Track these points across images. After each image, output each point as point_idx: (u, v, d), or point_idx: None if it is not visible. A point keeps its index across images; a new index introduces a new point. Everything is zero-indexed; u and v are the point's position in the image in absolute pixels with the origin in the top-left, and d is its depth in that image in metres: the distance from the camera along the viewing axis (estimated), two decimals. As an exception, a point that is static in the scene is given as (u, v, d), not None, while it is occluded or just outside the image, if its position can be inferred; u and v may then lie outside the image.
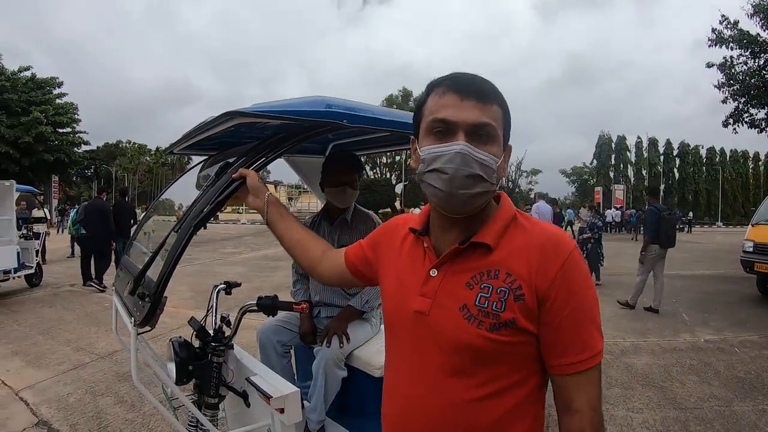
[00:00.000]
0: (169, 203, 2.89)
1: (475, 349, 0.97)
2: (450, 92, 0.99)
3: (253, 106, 1.49)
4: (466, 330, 0.98)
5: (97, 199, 9.78)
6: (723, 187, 63.52)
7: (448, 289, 1.03)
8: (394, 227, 1.28)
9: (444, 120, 0.98)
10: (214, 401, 1.88)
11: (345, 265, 1.38)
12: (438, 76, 1.06)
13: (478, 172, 0.96)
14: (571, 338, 0.98)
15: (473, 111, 0.97)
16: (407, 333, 1.08)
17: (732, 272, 11.44)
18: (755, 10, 14.37)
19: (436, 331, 1.02)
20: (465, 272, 1.02)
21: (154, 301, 1.54)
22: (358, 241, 1.40)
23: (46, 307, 7.68)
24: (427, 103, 1.04)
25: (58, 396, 4.15)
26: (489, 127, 0.98)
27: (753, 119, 15.85)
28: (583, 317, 0.98)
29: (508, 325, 0.96)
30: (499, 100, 1.02)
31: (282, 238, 1.50)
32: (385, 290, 1.21)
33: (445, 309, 1.01)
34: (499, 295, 0.97)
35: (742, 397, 4.25)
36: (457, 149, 0.95)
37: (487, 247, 1.02)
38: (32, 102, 35.91)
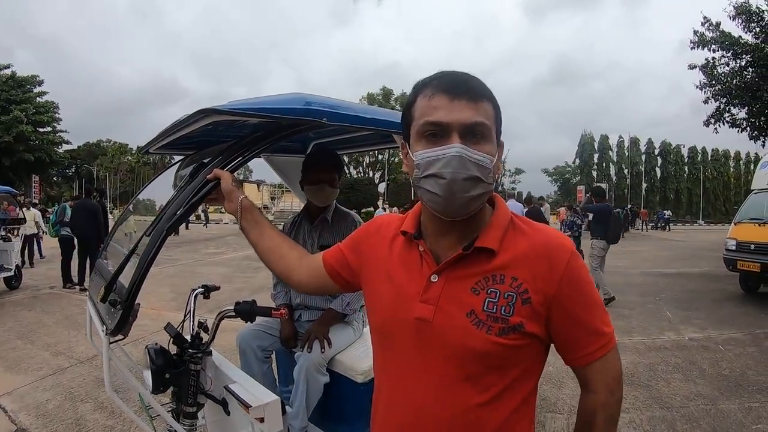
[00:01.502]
0: (146, 204, 2.81)
1: (485, 354, 0.97)
2: (439, 93, 0.96)
3: (229, 104, 1.43)
4: (475, 335, 0.97)
5: (86, 199, 9.60)
6: (704, 186, 64.53)
7: (452, 294, 1.01)
8: (376, 229, 1.24)
9: (436, 122, 0.95)
10: (192, 410, 1.82)
11: (324, 270, 1.31)
12: (424, 77, 1.03)
13: (476, 174, 0.94)
14: (585, 331, 1.02)
15: (465, 111, 0.94)
16: (409, 341, 1.04)
17: (715, 270, 11.57)
18: (737, 12, 14.55)
19: (442, 338, 1.00)
20: (469, 277, 1.01)
21: (125, 308, 1.47)
22: (337, 245, 1.34)
23: (25, 311, 7.53)
24: (416, 105, 1.01)
25: (37, 402, 4.06)
26: (483, 126, 0.96)
27: (734, 119, 16.02)
28: (592, 309, 1.02)
29: (516, 329, 0.97)
30: (490, 97, 1.00)
31: (256, 244, 1.43)
32: (374, 298, 1.16)
33: (451, 315, 1.00)
34: (507, 300, 0.97)
35: (727, 395, 4.26)
36: (453, 152, 0.93)
37: (490, 252, 1.01)
38: (12, 101, 35.52)
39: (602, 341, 1.03)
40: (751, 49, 14.32)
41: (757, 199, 9.44)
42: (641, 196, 60.28)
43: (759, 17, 14.20)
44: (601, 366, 1.04)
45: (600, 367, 1.04)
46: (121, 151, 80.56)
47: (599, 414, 1.05)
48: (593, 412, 1.05)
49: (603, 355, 1.03)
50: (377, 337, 1.16)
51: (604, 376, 1.04)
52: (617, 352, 1.07)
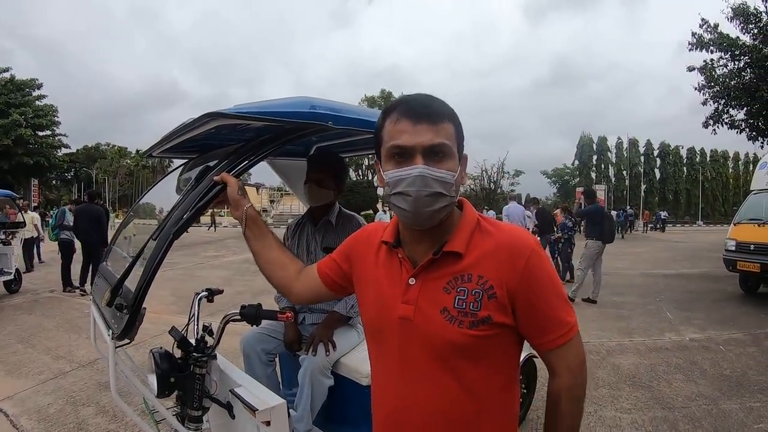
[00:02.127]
0: (149, 207, 2.82)
1: (459, 345, 1.08)
2: (403, 118, 1.07)
3: (235, 107, 1.43)
4: (448, 330, 1.08)
5: (90, 204, 9.56)
6: (703, 187, 64.56)
7: (428, 295, 1.12)
8: (366, 237, 1.35)
9: (401, 146, 1.07)
10: (197, 414, 1.82)
11: (319, 279, 1.41)
12: (391, 102, 1.16)
13: (438, 190, 1.06)
14: (548, 320, 1.11)
15: (427, 134, 1.05)
16: (394, 338, 1.16)
17: (714, 271, 11.58)
18: (735, 14, 14.58)
19: (422, 334, 1.11)
20: (441, 278, 1.12)
21: (132, 313, 1.47)
22: (329, 255, 1.44)
23: (26, 314, 7.51)
24: (385, 128, 1.12)
25: (39, 406, 4.04)
26: (443, 146, 1.06)
27: (733, 120, 16.04)
28: (554, 300, 1.12)
29: (484, 321, 1.07)
30: (450, 117, 1.10)
31: (257, 254, 1.50)
32: (365, 300, 1.28)
33: (427, 313, 1.11)
34: (474, 296, 1.08)
35: (729, 395, 4.26)
36: (416, 173, 1.04)
37: (458, 255, 1.12)
38: (11, 104, 35.48)
39: (563, 330, 1.12)
40: (749, 50, 14.34)
41: (757, 200, 9.45)
42: (640, 198, 60.32)
43: (757, 18, 14.22)
44: (564, 352, 1.14)
45: (563, 354, 1.14)
46: (120, 154, 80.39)
47: (563, 395, 1.15)
48: (558, 394, 1.16)
49: (565, 342, 1.13)
50: (368, 335, 1.28)
51: (566, 361, 1.14)
52: (579, 340, 1.17)
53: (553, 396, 1.17)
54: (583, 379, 1.17)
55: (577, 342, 1.16)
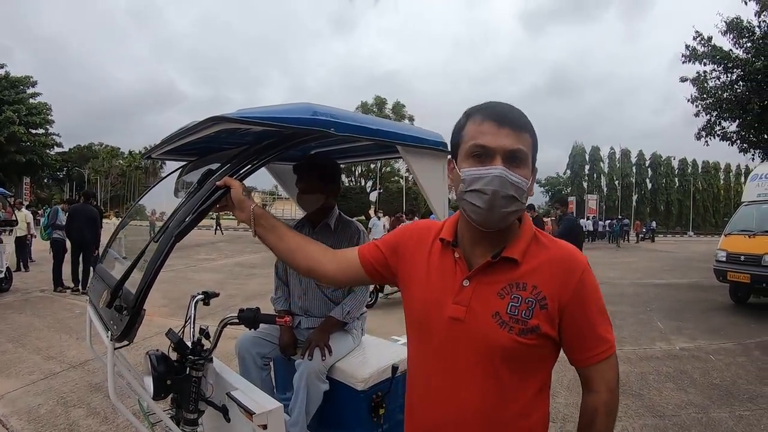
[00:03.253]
0: (146, 210, 2.82)
1: (506, 350, 1.11)
2: (489, 120, 1.11)
3: (238, 112, 1.45)
4: (499, 334, 1.11)
5: (85, 204, 9.53)
6: (694, 198, 64.96)
7: (481, 298, 1.15)
8: (418, 233, 1.36)
9: (484, 146, 1.10)
10: (193, 416, 1.81)
11: (359, 265, 1.41)
12: (475, 105, 1.19)
13: (512, 193, 1.09)
14: (591, 336, 1.16)
15: (509, 138, 1.09)
16: (443, 338, 1.18)
17: (705, 281, 11.67)
18: (728, 27, 14.73)
19: (471, 336, 1.14)
20: (495, 283, 1.15)
21: (132, 314, 1.47)
22: (373, 242, 1.46)
23: (16, 314, 7.46)
24: (466, 128, 1.16)
25: (29, 407, 4.02)
26: (522, 153, 1.11)
27: (725, 132, 16.19)
28: (599, 318, 1.17)
29: (533, 330, 1.11)
30: (530, 129, 1.15)
31: (275, 247, 1.47)
32: (412, 297, 1.28)
33: (479, 315, 1.14)
34: (527, 305, 1.12)
35: (719, 403, 4.31)
36: (496, 173, 1.07)
37: (515, 262, 1.15)
38: (5, 101, 35.24)
39: (605, 346, 1.17)
40: (741, 63, 14.47)
41: (747, 211, 9.54)
42: (632, 208, 60.63)
43: (750, 32, 14.38)
44: (603, 368, 1.18)
45: (602, 369, 1.18)
46: (113, 154, 79.96)
47: (601, 410, 1.17)
48: (596, 409, 1.18)
49: (605, 358, 1.17)
50: (414, 333, 1.29)
51: (605, 376, 1.18)
52: (617, 358, 1.21)
53: (590, 411, 1.19)
54: (618, 395, 1.21)
55: (615, 359, 1.20)
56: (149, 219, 18.47)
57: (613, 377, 1.19)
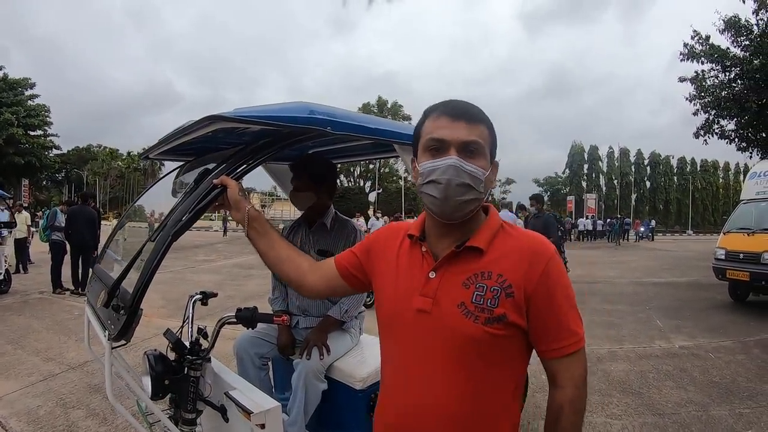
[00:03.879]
0: (143, 210, 2.82)
1: (473, 340, 1.11)
2: (443, 116, 1.16)
3: (235, 111, 1.45)
4: (464, 324, 1.11)
5: (84, 205, 9.53)
6: (693, 196, 64.98)
7: (447, 288, 1.16)
8: (389, 233, 1.39)
9: (438, 139, 1.14)
10: (191, 416, 1.81)
11: (336, 271, 1.44)
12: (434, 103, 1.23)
13: (467, 182, 1.12)
14: (558, 327, 1.14)
15: (464, 130, 1.13)
16: (410, 331, 1.19)
17: (704, 279, 11.66)
18: (726, 26, 14.76)
19: (438, 327, 1.14)
20: (461, 273, 1.16)
21: (130, 313, 1.47)
22: (349, 249, 1.47)
23: (15, 315, 7.43)
24: (425, 125, 1.20)
25: (28, 408, 4.00)
26: (476, 144, 1.14)
27: (723, 131, 16.22)
28: (567, 309, 1.15)
29: (500, 319, 1.10)
30: (486, 122, 1.18)
31: (265, 254, 1.50)
32: (382, 293, 1.30)
33: (445, 306, 1.14)
34: (493, 293, 1.11)
35: (718, 401, 4.30)
36: (449, 162, 1.11)
37: (479, 251, 1.16)
38: (3, 103, 35.27)
39: (573, 339, 1.15)
40: (739, 61, 14.52)
41: (746, 209, 9.54)
42: (631, 207, 60.71)
43: (748, 31, 14.40)
44: (570, 363, 1.16)
45: (569, 364, 1.16)
46: (112, 156, 79.92)
47: (566, 408, 1.16)
48: (561, 406, 1.16)
49: (573, 351, 1.16)
50: (383, 328, 1.29)
51: (571, 372, 1.16)
52: (585, 354, 1.19)
53: (556, 408, 1.17)
54: (585, 393, 1.19)
55: (583, 355, 1.18)
56: (148, 220, 18.41)
57: (580, 373, 1.17)
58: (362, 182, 51.20)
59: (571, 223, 36.92)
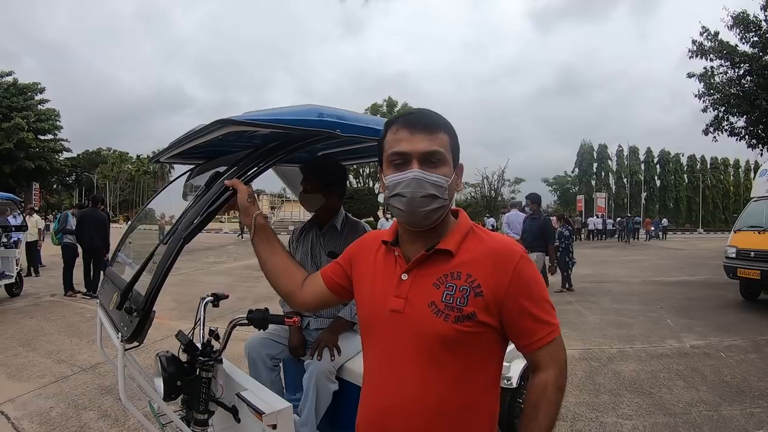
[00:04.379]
0: (155, 213, 2.85)
1: (444, 338, 1.14)
2: (402, 128, 1.19)
3: (245, 115, 1.46)
4: (434, 322, 1.15)
5: (94, 208, 9.62)
6: (703, 194, 64.44)
7: (418, 289, 1.20)
8: (368, 241, 1.44)
9: (399, 152, 1.18)
10: (203, 417, 1.83)
11: (324, 285, 1.47)
12: (393, 116, 1.29)
13: (431, 192, 1.16)
14: (534, 322, 1.17)
15: (423, 142, 1.16)
16: (385, 331, 1.23)
17: (715, 278, 11.59)
18: (735, 22, 14.65)
19: (410, 326, 1.18)
20: (432, 275, 1.20)
21: (143, 316, 1.49)
22: (335, 261, 1.51)
23: (27, 318, 7.52)
24: (386, 138, 1.24)
25: (41, 410, 4.04)
26: (438, 154, 1.17)
27: (733, 128, 16.07)
28: (540, 304, 1.18)
29: (469, 317, 1.14)
30: (446, 129, 1.22)
31: (265, 262, 1.54)
32: (361, 297, 1.36)
33: (416, 306, 1.18)
34: (462, 293, 1.15)
35: (729, 401, 4.28)
36: (412, 176, 1.15)
37: (449, 253, 1.20)
38: (13, 108, 35.56)
39: (549, 329, 1.18)
40: (748, 58, 14.39)
41: (757, 207, 9.46)
42: (641, 205, 60.30)
43: (756, 26, 14.28)
44: (553, 348, 1.19)
45: (552, 349, 1.19)
46: (122, 159, 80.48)
47: (550, 386, 1.18)
48: (545, 385, 1.18)
49: (550, 341, 1.18)
50: (363, 330, 1.34)
51: (554, 356, 1.20)
52: (562, 341, 1.23)
53: (540, 388, 1.19)
54: (566, 374, 1.22)
55: (561, 342, 1.22)
56: (158, 222, 18.52)
57: (562, 357, 1.21)
58: (371, 183, 51.13)
59: (581, 223, 36.70)
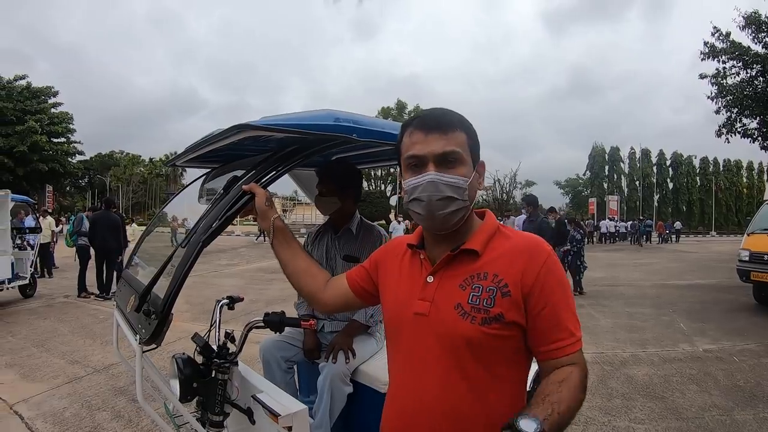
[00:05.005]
0: (170, 217, 2.87)
1: (470, 341, 1.12)
2: (417, 130, 1.18)
3: (262, 119, 1.48)
4: (461, 325, 1.12)
5: (107, 211, 9.77)
6: (716, 197, 63.83)
7: (444, 291, 1.18)
8: (394, 245, 1.44)
9: (414, 155, 1.17)
10: (218, 419, 1.84)
11: (348, 287, 1.48)
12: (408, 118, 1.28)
13: (449, 194, 1.14)
14: (557, 325, 1.12)
15: (438, 142, 1.15)
16: (410, 334, 1.21)
17: (727, 281, 11.50)
18: (746, 23, 14.53)
19: (436, 329, 1.16)
20: (457, 276, 1.18)
21: (161, 318, 1.51)
22: (360, 265, 1.51)
23: (41, 319, 7.60)
24: (403, 142, 1.23)
25: (54, 410, 4.09)
26: (454, 154, 1.15)
27: (745, 129, 15.94)
28: (565, 307, 1.14)
29: (497, 319, 1.11)
30: (462, 126, 1.19)
31: (285, 264, 1.55)
32: (386, 301, 1.35)
33: (442, 309, 1.16)
34: (488, 293, 1.12)
35: (742, 405, 4.25)
36: (428, 179, 1.14)
37: (475, 254, 1.18)
38: (27, 111, 35.94)
39: (573, 339, 1.13)
40: (761, 59, 14.26)
41: (770, 210, 9.37)
42: (653, 208, 59.88)
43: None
44: (578, 357, 1.13)
45: (576, 358, 1.13)
46: (134, 162, 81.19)
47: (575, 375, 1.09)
48: (570, 373, 1.09)
49: (575, 351, 1.13)
50: (388, 335, 1.33)
51: (581, 364, 1.13)
52: (584, 357, 1.15)
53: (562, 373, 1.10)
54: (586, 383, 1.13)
55: (583, 357, 1.15)
56: (171, 225, 18.65)
57: (585, 367, 1.13)
58: (383, 186, 51.07)
59: (593, 226, 36.43)
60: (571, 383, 1.07)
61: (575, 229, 11.26)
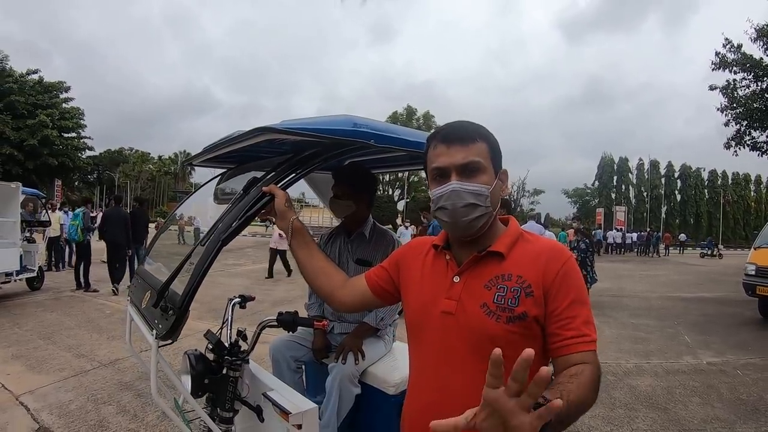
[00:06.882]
0: (185, 216, 2.91)
1: (495, 338, 1.15)
2: (440, 143, 1.25)
3: (282, 123, 1.51)
4: (487, 323, 1.17)
5: (117, 208, 10.06)
6: (724, 210, 63.48)
7: (470, 291, 1.23)
8: (416, 245, 1.48)
9: (438, 167, 1.24)
10: (228, 415, 1.87)
11: (367, 287, 1.51)
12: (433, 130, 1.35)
13: (471, 201, 1.20)
14: (571, 323, 1.15)
15: (459, 154, 1.21)
16: (435, 333, 1.25)
17: (733, 295, 11.43)
18: (758, 35, 14.44)
19: (462, 327, 1.21)
20: (483, 277, 1.23)
21: (179, 314, 1.54)
22: (379, 265, 1.55)
23: (47, 312, 7.66)
24: (428, 154, 1.30)
25: (60, 402, 4.12)
26: (475, 163, 1.21)
27: (755, 142, 15.84)
28: (580, 309, 1.17)
29: (521, 317, 1.16)
30: (483, 137, 1.25)
31: (303, 264, 1.60)
32: (408, 299, 1.39)
33: (468, 307, 1.21)
34: (513, 293, 1.18)
35: (744, 419, 4.24)
36: (450, 188, 1.21)
37: (500, 256, 1.24)
38: (38, 105, 36.12)
39: (587, 339, 1.14)
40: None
41: (777, 224, 9.33)
42: (661, 220, 59.60)
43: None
44: (592, 356, 1.13)
45: (590, 357, 1.12)
46: (143, 159, 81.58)
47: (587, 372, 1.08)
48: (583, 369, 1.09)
49: (588, 350, 1.13)
50: (411, 333, 1.37)
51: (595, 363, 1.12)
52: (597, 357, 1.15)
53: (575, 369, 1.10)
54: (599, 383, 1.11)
55: (596, 357, 1.15)
56: (178, 224, 18.73)
57: (599, 367, 1.13)
58: (391, 191, 51.06)
59: (602, 236, 36.15)
60: (582, 379, 1.07)
61: (581, 238, 11.20)
